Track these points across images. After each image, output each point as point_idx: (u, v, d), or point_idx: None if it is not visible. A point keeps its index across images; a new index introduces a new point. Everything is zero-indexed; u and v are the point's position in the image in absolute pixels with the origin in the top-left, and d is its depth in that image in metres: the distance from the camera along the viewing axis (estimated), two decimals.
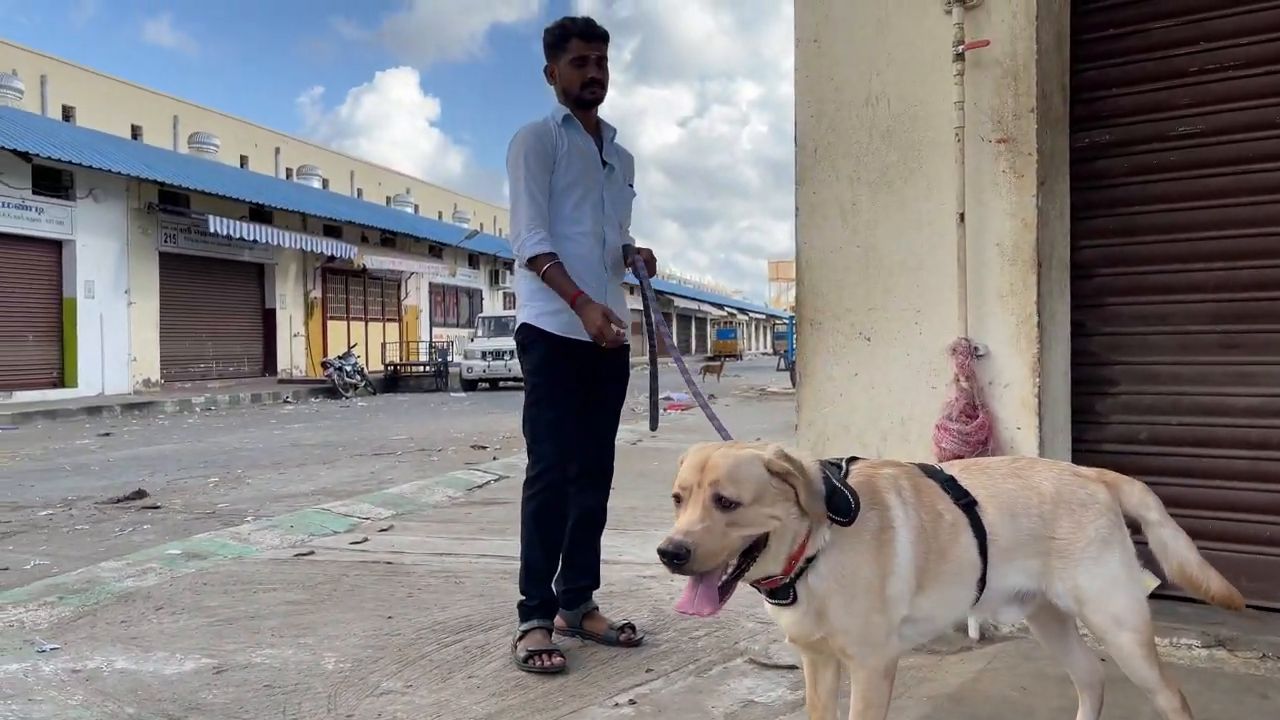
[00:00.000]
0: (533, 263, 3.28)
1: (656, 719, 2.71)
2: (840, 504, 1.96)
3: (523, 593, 3.31)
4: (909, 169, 3.48)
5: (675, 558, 1.80)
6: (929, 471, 2.22)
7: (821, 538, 1.97)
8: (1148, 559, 2.43)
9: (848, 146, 3.60)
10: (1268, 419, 3.22)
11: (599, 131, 3.55)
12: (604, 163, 3.51)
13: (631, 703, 2.81)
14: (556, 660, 3.11)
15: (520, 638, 3.22)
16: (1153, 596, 3.32)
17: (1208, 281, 3.31)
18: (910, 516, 2.08)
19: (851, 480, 2.06)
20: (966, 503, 2.15)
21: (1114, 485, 2.35)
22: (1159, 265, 3.38)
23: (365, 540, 5.23)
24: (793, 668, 3.07)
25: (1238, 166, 3.24)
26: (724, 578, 1.88)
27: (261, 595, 4.05)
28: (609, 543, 3.75)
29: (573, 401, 3.38)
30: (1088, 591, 2.22)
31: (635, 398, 4.23)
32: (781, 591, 1.99)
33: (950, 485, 2.18)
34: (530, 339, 3.39)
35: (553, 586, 3.37)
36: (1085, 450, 3.48)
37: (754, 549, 1.90)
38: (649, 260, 3.58)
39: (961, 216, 3.31)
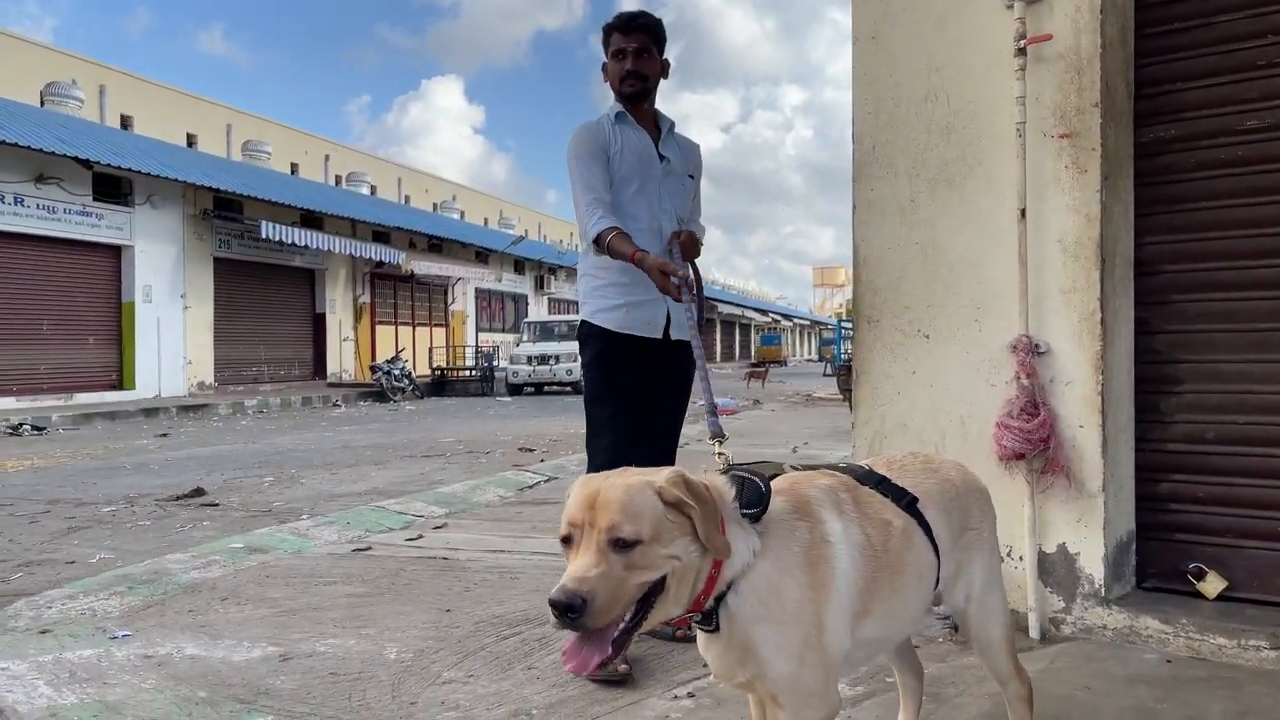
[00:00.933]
0: (597, 241, 3.24)
1: (716, 710, 2.72)
2: (751, 495, 1.75)
3: None
4: (968, 165, 3.46)
5: (570, 610, 1.52)
6: (860, 476, 2.01)
7: (740, 560, 1.71)
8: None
9: (906, 143, 3.59)
10: None
11: (656, 124, 3.53)
12: (661, 157, 3.48)
13: (691, 695, 2.83)
14: (621, 668, 2.95)
15: None
16: (1220, 598, 3.29)
17: (1277, 278, 3.24)
18: (852, 532, 1.83)
19: (776, 491, 1.81)
20: (908, 501, 1.98)
21: None
22: (1226, 261, 3.32)
23: (420, 537, 5.30)
24: None
25: None
26: (620, 629, 1.62)
27: (322, 588, 4.13)
28: None
29: (629, 398, 3.38)
30: (977, 585, 2.17)
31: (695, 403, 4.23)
32: (706, 616, 1.73)
33: (886, 486, 1.99)
34: (588, 335, 3.43)
35: None
36: (1149, 450, 3.44)
37: (651, 593, 1.63)
38: (685, 243, 3.39)
39: (1023, 212, 3.29)
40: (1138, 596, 3.37)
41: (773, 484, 1.83)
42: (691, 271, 3.38)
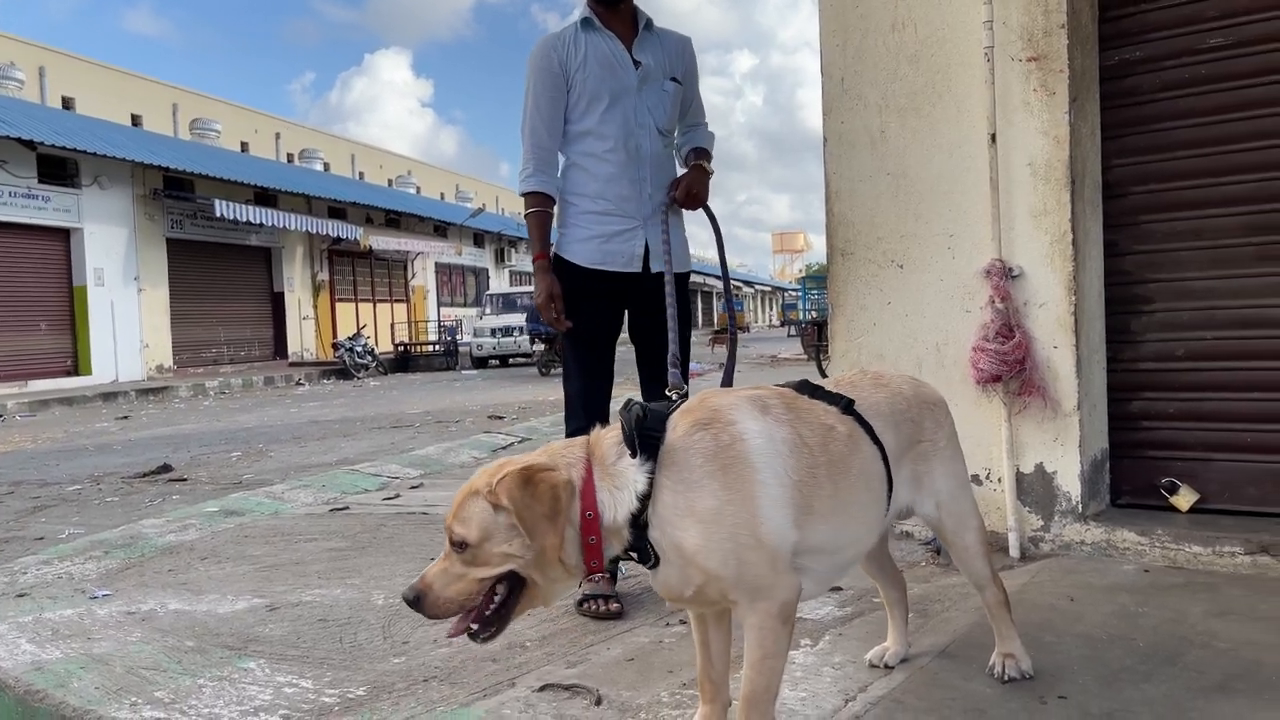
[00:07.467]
0: (523, 200, 3.13)
1: None
2: (650, 427, 1.80)
3: None
4: (937, 93, 3.47)
5: (410, 604, 1.79)
6: (798, 387, 2.05)
7: (624, 507, 1.77)
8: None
9: (874, 74, 3.59)
10: None
11: (634, 25, 3.16)
12: (635, 62, 3.12)
13: (683, 623, 2.84)
14: (613, 607, 2.95)
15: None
16: (1192, 510, 3.36)
17: (1241, 194, 3.29)
18: (775, 428, 1.85)
19: (682, 409, 1.86)
20: (845, 404, 2.01)
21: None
22: (1191, 180, 3.36)
23: (397, 496, 5.27)
24: (838, 588, 3.10)
25: (1269, 77, 3.21)
26: (489, 610, 1.79)
27: (303, 545, 4.09)
28: None
29: (600, 338, 3.16)
30: (944, 493, 2.20)
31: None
32: (641, 555, 1.80)
33: (820, 393, 2.02)
34: (558, 271, 3.14)
35: None
36: (1121, 369, 3.49)
37: (516, 579, 1.78)
38: (684, 197, 3.13)
39: (993, 137, 3.31)
40: (1113, 513, 3.44)
41: (684, 405, 1.88)
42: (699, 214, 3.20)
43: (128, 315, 21.01)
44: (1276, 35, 3.20)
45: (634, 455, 1.78)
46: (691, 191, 3.16)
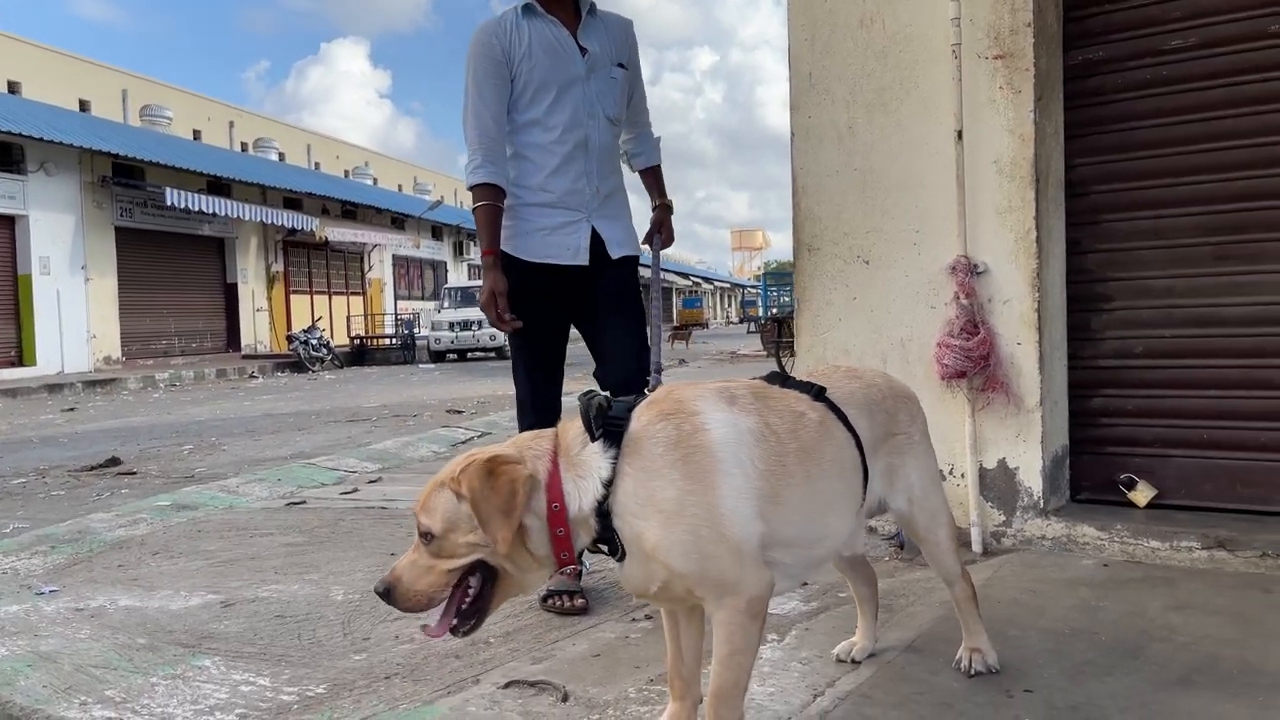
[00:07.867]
0: (471, 193, 3.01)
1: None
2: (614, 417, 1.78)
3: None
4: (905, 89, 3.48)
5: (381, 596, 1.79)
6: (769, 379, 2.03)
7: (588, 497, 1.74)
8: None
9: (842, 70, 3.59)
10: (1260, 327, 3.27)
11: (577, 8, 3.04)
12: (582, 49, 3.00)
13: (648, 618, 2.82)
14: (578, 602, 2.91)
15: None
16: (1149, 506, 3.41)
17: (1199, 194, 3.34)
18: (741, 418, 1.81)
19: (647, 400, 1.83)
20: (816, 391, 1.98)
21: None
22: (1152, 180, 3.41)
23: (355, 490, 5.19)
24: (803, 583, 3.10)
25: (1230, 78, 3.26)
26: (464, 604, 1.78)
27: (259, 539, 4.01)
28: None
29: (544, 332, 3.07)
30: (917, 489, 2.19)
31: None
32: (610, 546, 1.77)
33: (792, 382, 2.00)
34: (505, 266, 3.00)
35: None
36: (1081, 367, 3.53)
37: (488, 572, 1.76)
38: (666, 237, 3.27)
39: (959, 134, 3.33)
40: (1073, 508, 3.48)
41: (650, 396, 1.86)
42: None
43: (74, 305, 20.53)
44: (1236, 38, 3.24)
45: (594, 439, 1.76)
46: (671, 237, 3.31)
